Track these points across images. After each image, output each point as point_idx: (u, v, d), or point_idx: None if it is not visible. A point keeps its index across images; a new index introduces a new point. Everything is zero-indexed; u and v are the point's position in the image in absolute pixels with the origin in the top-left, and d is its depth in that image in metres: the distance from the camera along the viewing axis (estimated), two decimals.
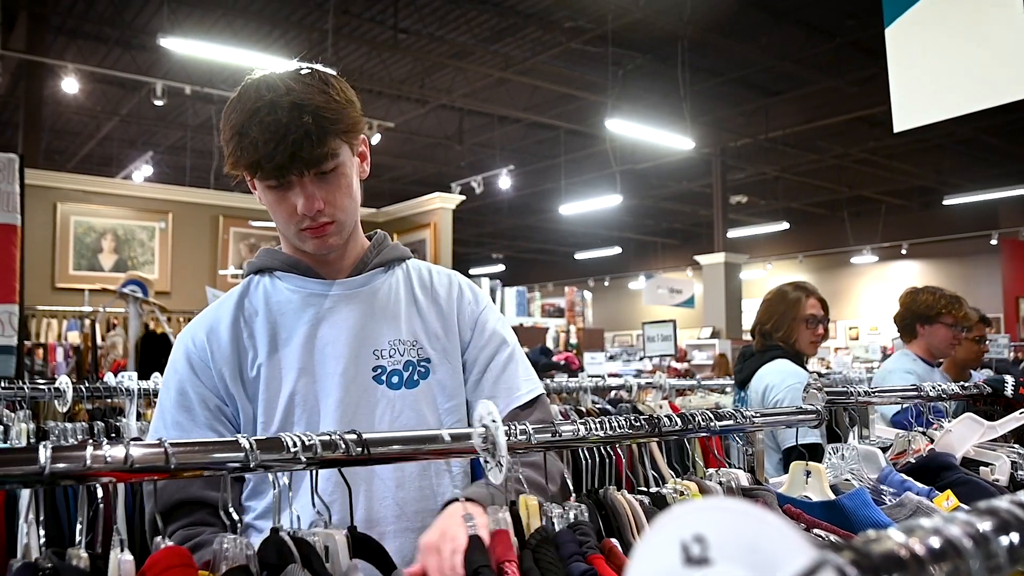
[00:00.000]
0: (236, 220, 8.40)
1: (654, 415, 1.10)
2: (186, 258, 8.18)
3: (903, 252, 15.68)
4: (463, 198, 9.00)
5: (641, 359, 9.80)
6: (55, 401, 2.18)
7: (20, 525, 1.54)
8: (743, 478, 1.19)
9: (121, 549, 0.74)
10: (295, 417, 1.20)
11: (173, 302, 7.24)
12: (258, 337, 1.23)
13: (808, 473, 1.27)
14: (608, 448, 1.17)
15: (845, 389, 1.43)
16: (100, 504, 0.89)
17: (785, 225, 15.54)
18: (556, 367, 6.64)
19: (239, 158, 1.14)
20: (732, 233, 14.60)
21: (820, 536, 1.08)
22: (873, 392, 1.51)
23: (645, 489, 1.13)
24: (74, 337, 6.58)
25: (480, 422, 0.93)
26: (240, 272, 6.90)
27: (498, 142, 12.80)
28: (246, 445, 0.78)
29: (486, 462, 0.93)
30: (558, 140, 12.75)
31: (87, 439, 2.11)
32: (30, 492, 0.79)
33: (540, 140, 13.32)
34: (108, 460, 0.71)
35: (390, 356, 1.24)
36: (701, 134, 11.16)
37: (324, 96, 1.14)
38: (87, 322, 6.42)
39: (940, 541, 0.39)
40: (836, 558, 0.34)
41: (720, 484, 1.15)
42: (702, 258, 13.78)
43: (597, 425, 1.03)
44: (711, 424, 1.14)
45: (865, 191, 15.19)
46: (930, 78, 2.00)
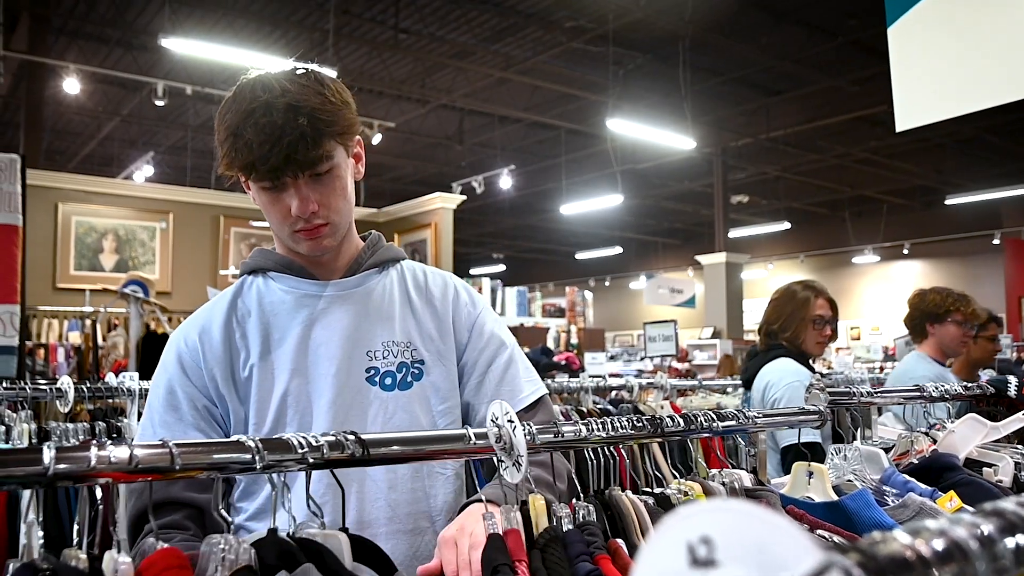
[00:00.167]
0: (237, 220, 8.41)
1: (656, 415, 1.10)
2: (187, 258, 8.19)
3: (905, 252, 15.66)
4: (464, 198, 9.00)
5: (642, 359, 9.79)
6: (57, 401, 2.18)
7: (22, 525, 1.54)
8: (746, 479, 1.19)
9: (119, 551, 0.73)
10: (287, 418, 1.19)
11: (174, 302, 7.24)
12: (251, 338, 1.22)
13: (810, 474, 1.27)
14: (612, 449, 1.17)
15: (848, 390, 1.42)
16: (101, 505, 0.89)
17: (786, 225, 15.52)
18: (557, 367, 6.63)
19: (234, 159, 1.13)
20: (733, 233, 14.58)
21: (823, 537, 1.08)
22: (876, 393, 1.50)
23: (649, 490, 1.13)
24: (75, 337, 6.58)
25: (495, 422, 0.92)
26: None
27: (499, 142, 12.79)
28: (253, 446, 0.78)
29: (501, 462, 0.93)
30: (559, 140, 12.74)
31: (90, 439, 2.11)
32: (31, 492, 0.79)
33: (541, 140, 13.31)
34: (113, 461, 0.71)
35: (383, 357, 1.24)
36: (702, 134, 11.15)
37: (320, 97, 1.14)
38: (88, 322, 6.42)
39: (946, 543, 0.39)
40: (843, 560, 0.34)
41: (723, 485, 1.15)
42: (703, 258, 13.77)
43: (600, 426, 1.03)
44: (713, 425, 1.14)
45: (867, 191, 15.16)
46: (932, 77, 1.99)
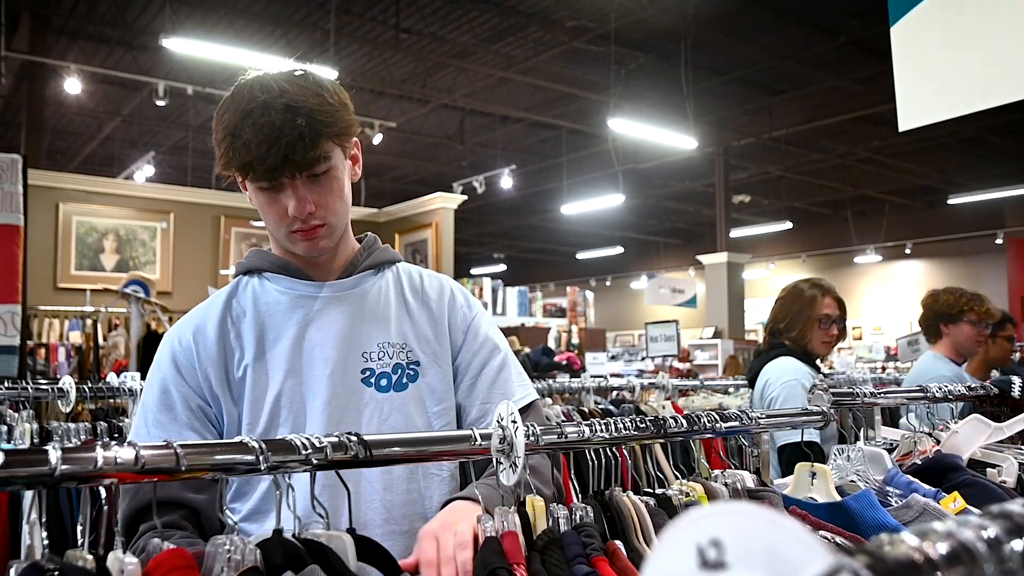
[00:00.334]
0: (238, 220, 8.41)
1: (660, 416, 1.10)
2: (188, 258, 8.19)
3: (907, 252, 15.62)
4: (465, 198, 9.00)
5: (643, 359, 9.79)
6: (58, 401, 2.19)
7: (24, 526, 1.54)
8: (748, 480, 1.18)
9: (124, 551, 0.73)
10: (281, 419, 1.19)
11: (175, 302, 7.24)
12: (245, 338, 1.22)
13: (813, 474, 1.26)
14: (613, 449, 1.16)
15: (851, 390, 1.42)
16: (104, 506, 0.89)
17: (788, 225, 15.50)
18: (558, 367, 6.63)
19: (231, 159, 1.13)
20: (735, 233, 14.56)
21: (827, 538, 1.07)
22: (878, 393, 1.50)
23: (650, 491, 1.12)
24: (76, 337, 6.58)
25: (499, 423, 0.92)
26: None
27: (500, 142, 12.78)
28: (256, 447, 0.78)
29: (499, 463, 0.93)
30: (560, 140, 12.73)
31: (92, 439, 2.11)
32: (33, 493, 0.79)
33: (542, 140, 13.31)
34: (119, 461, 0.71)
35: (379, 359, 1.24)
36: (704, 133, 11.14)
37: (318, 98, 1.14)
38: (89, 322, 6.43)
39: (954, 545, 0.39)
40: (852, 563, 0.34)
41: (726, 486, 1.14)
42: (704, 258, 13.75)
43: (602, 426, 1.03)
44: (716, 425, 1.14)
45: (869, 190, 15.13)
46: (935, 77, 1.99)
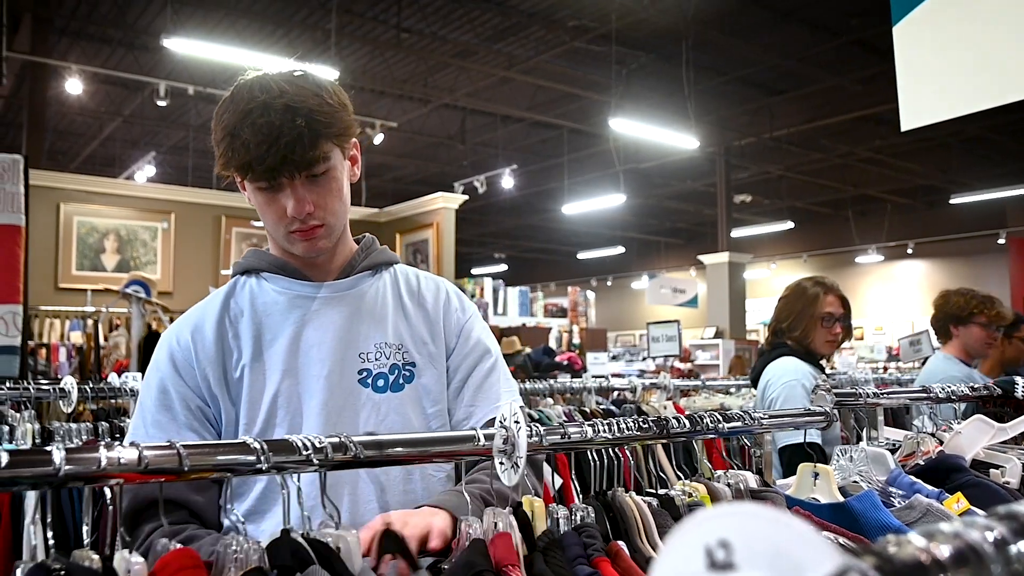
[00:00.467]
0: (238, 220, 8.41)
1: (662, 416, 1.10)
2: (189, 258, 8.19)
3: (909, 251, 15.60)
4: (466, 198, 9.00)
5: (644, 359, 9.78)
6: (60, 401, 2.19)
7: (26, 526, 1.54)
8: (751, 480, 1.18)
9: (131, 551, 0.73)
10: (277, 419, 1.19)
11: (176, 302, 7.23)
12: (243, 338, 1.23)
13: (816, 475, 1.26)
14: (615, 450, 1.16)
15: (853, 391, 1.42)
16: (110, 506, 0.89)
17: (789, 224, 15.50)
18: (559, 367, 6.63)
19: (230, 159, 1.14)
20: (736, 232, 14.55)
21: (830, 539, 1.07)
22: (882, 394, 1.50)
23: (653, 491, 1.12)
24: (77, 337, 6.58)
25: (503, 424, 0.92)
26: None
27: (501, 141, 12.78)
28: (257, 447, 0.78)
29: (501, 463, 0.92)
30: (561, 139, 12.73)
31: (94, 440, 2.11)
32: (36, 493, 0.79)
33: (543, 139, 13.31)
34: (123, 462, 0.71)
35: (376, 359, 1.24)
36: (705, 133, 11.14)
37: (317, 99, 1.14)
38: (90, 322, 6.43)
39: (961, 546, 0.39)
40: (859, 564, 0.34)
41: (729, 487, 1.14)
42: (706, 258, 13.75)
43: (605, 427, 1.03)
44: (719, 426, 1.14)
45: (870, 190, 15.11)
46: (937, 76, 1.99)
